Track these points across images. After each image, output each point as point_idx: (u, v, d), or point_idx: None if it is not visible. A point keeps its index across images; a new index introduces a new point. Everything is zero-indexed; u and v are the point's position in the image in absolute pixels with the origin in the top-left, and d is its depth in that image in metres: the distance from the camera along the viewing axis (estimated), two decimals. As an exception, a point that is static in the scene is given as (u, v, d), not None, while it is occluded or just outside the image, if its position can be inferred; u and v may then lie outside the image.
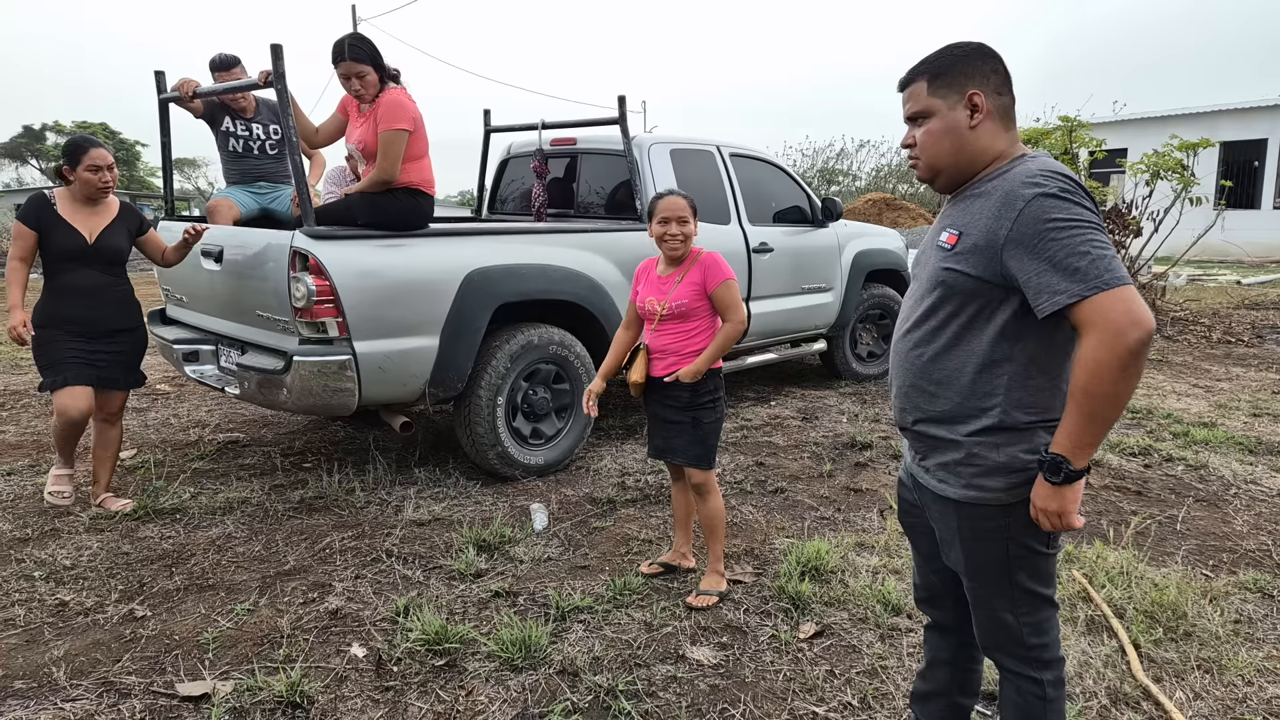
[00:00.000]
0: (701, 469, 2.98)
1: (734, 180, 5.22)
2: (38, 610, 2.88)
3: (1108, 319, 1.39)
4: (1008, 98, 1.63)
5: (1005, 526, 1.63)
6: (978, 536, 1.68)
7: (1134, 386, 1.42)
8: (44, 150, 46.49)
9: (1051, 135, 8.91)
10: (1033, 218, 1.47)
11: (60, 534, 3.50)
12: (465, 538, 3.43)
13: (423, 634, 2.68)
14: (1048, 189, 1.47)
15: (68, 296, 3.56)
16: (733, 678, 2.54)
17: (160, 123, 4.32)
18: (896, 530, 3.57)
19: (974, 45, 1.64)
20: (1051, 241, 1.44)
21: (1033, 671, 1.73)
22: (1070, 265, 1.42)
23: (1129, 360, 1.38)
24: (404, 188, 3.78)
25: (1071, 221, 1.44)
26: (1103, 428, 1.45)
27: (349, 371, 3.52)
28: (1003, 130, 1.62)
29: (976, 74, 1.60)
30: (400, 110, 3.69)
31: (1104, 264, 1.41)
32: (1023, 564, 1.66)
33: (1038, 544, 1.65)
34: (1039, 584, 1.69)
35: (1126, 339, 1.37)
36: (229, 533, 3.55)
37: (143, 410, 5.56)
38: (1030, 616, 1.70)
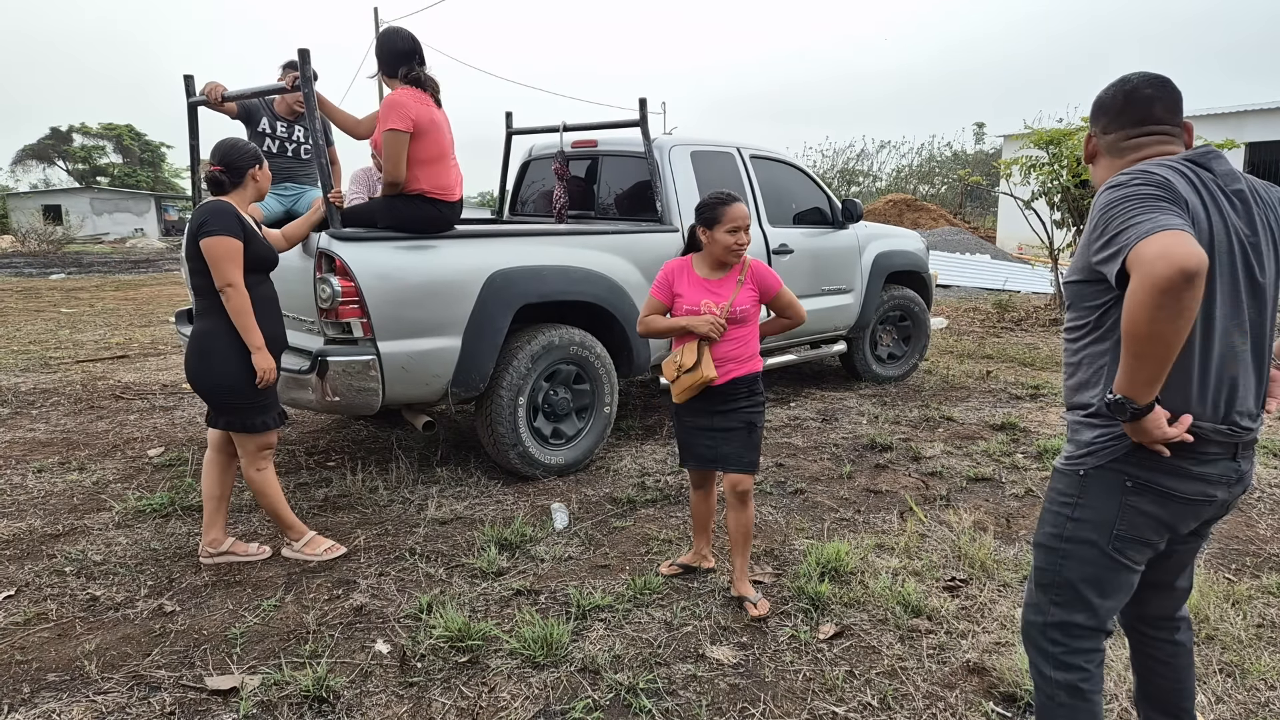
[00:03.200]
0: (751, 475, 2.96)
1: (754, 182, 5.23)
2: (69, 605, 2.94)
3: (1140, 259, 1.41)
4: (1115, 135, 1.72)
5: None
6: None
7: (1175, 325, 1.40)
8: (71, 152, 47.24)
9: (1074, 136, 8.83)
10: (1101, 206, 1.55)
11: (90, 531, 3.57)
12: (487, 536, 3.46)
13: (446, 631, 2.71)
14: (1114, 181, 1.56)
15: (266, 310, 3.13)
16: (752, 677, 2.55)
17: (189, 126, 4.38)
18: (916, 532, 3.57)
19: (1109, 86, 1.75)
20: (1113, 218, 1.51)
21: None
22: (1115, 232, 1.49)
23: (1158, 297, 1.38)
24: (417, 194, 3.74)
25: (1122, 199, 1.51)
26: (1152, 365, 1.46)
27: (373, 371, 3.57)
28: (1118, 161, 1.71)
29: (1093, 116, 1.75)
30: (392, 111, 3.61)
31: (1145, 223, 1.44)
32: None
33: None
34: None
35: (1154, 273, 1.38)
36: (255, 530, 3.61)
37: (170, 409, 5.65)
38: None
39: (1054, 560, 1.77)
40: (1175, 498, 1.63)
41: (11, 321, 9.81)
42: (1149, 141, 1.68)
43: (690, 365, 2.82)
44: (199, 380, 3.09)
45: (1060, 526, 1.75)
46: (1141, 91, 1.68)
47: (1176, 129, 1.68)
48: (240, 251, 2.97)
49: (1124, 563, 1.69)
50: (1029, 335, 8.87)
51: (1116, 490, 1.66)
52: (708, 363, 2.81)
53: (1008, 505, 3.97)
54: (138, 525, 3.62)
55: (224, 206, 3.02)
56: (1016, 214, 10.72)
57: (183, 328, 4.63)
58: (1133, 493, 1.64)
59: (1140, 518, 1.65)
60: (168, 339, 8.61)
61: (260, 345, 3.02)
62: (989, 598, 3.05)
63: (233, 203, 3.07)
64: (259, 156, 3.15)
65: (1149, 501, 1.64)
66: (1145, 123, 1.68)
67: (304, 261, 3.61)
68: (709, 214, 2.81)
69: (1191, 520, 1.68)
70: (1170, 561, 1.83)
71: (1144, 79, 1.69)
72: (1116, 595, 1.73)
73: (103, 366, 7.13)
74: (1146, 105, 1.68)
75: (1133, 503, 1.65)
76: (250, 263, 3.03)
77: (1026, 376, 6.76)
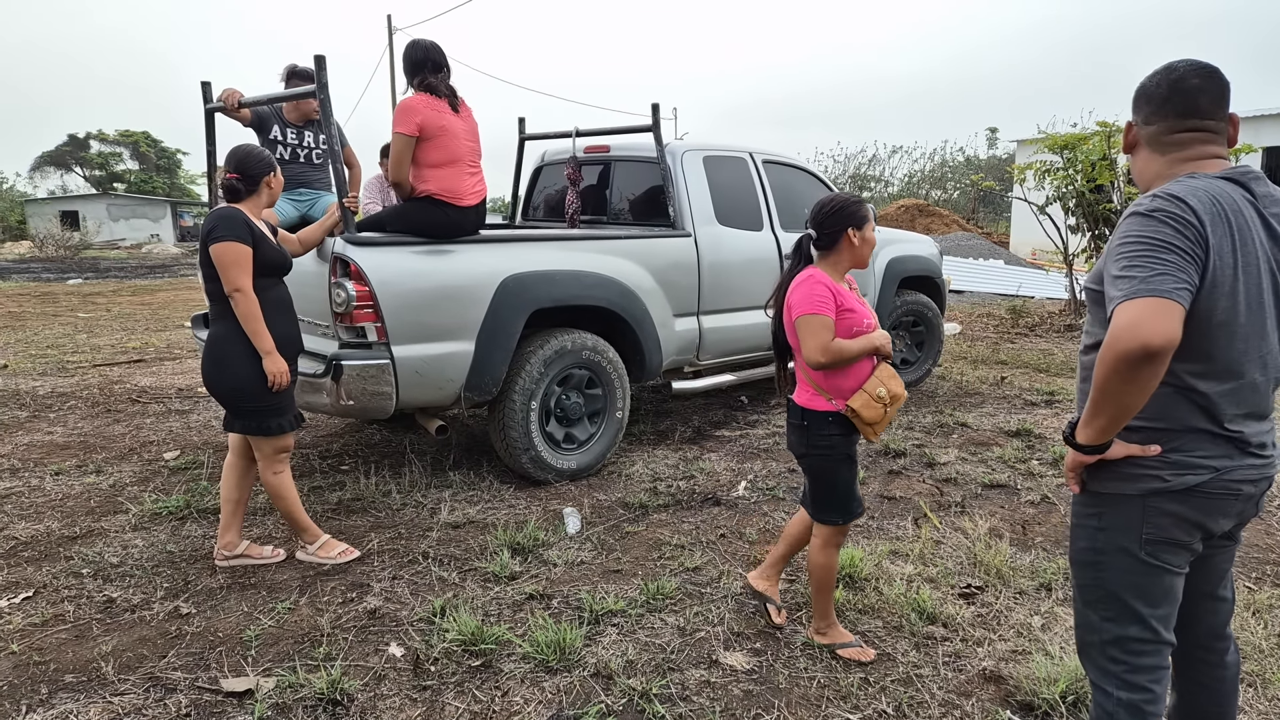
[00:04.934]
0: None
1: (766, 187, 5.23)
2: (86, 606, 2.96)
3: (1115, 321, 1.46)
4: (1157, 126, 1.67)
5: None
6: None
7: (1129, 392, 1.48)
8: (88, 158, 47.77)
9: (1089, 141, 8.78)
10: (1120, 233, 1.55)
11: (107, 533, 3.60)
12: (500, 540, 3.47)
13: (459, 634, 2.71)
14: (1141, 208, 1.54)
15: (279, 314, 3.14)
16: (766, 684, 2.54)
17: (206, 132, 4.42)
18: (931, 538, 3.54)
19: (1153, 73, 1.71)
20: (1119, 256, 1.52)
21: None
22: (1119, 276, 1.49)
23: (1119, 365, 1.44)
24: (425, 197, 3.79)
25: (1136, 238, 1.50)
26: (1103, 419, 1.55)
27: (387, 375, 3.58)
28: (1158, 155, 1.68)
29: (1135, 104, 1.71)
30: (399, 114, 3.71)
31: (1141, 278, 1.46)
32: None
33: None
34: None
35: (1118, 344, 1.43)
36: (269, 533, 3.62)
37: (185, 413, 5.69)
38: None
39: (1093, 574, 1.74)
40: (1197, 493, 1.60)
41: (29, 326, 9.92)
42: (1192, 139, 1.63)
43: (899, 392, 2.52)
44: (214, 384, 3.11)
45: (1091, 539, 1.73)
46: (1188, 81, 1.62)
47: (1221, 124, 1.64)
48: (248, 257, 2.98)
49: (1161, 566, 1.65)
50: (1043, 341, 8.81)
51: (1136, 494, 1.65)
52: (900, 383, 2.55)
53: (1023, 512, 3.94)
54: (154, 528, 3.65)
55: (233, 213, 3.03)
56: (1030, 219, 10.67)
57: (199, 332, 4.66)
58: (1154, 494, 1.62)
59: (1165, 518, 1.63)
60: (183, 343, 8.68)
61: (270, 349, 3.02)
62: (1005, 605, 3.03)
63: (244, 209, 3.08)
64: (273, 164, 3.17)
65: (1170, 500, 1.62)
66: (1190, 115, 1.62)
67: (319, 266, 3.64)
68: (858, 212, 2.50)
69: (1220, 516, 1.64)
70: (1209, 566, 1.79)
71: (1190, 68, 1.63)
72: (1165, 603, 1.69)
73: (119, 370, 7.20)
74: (1192, 96, 1.62)
75: (1154, 504, 1.63)
76: (261, 267, 3.04)
77: (1041, 382, 6.71)
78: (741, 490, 4.18)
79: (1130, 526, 1.65)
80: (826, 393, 2.51)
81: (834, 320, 2.44)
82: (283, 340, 3.10)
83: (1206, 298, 1.50)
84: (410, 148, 3.71)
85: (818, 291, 2.44)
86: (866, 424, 2.47)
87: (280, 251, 3.17)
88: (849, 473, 2.58)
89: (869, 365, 2.52)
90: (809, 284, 2.47)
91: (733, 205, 4.96)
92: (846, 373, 2.49)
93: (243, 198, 3.10)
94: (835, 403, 2.50)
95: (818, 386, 2.53)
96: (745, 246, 4.97)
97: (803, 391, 2.57)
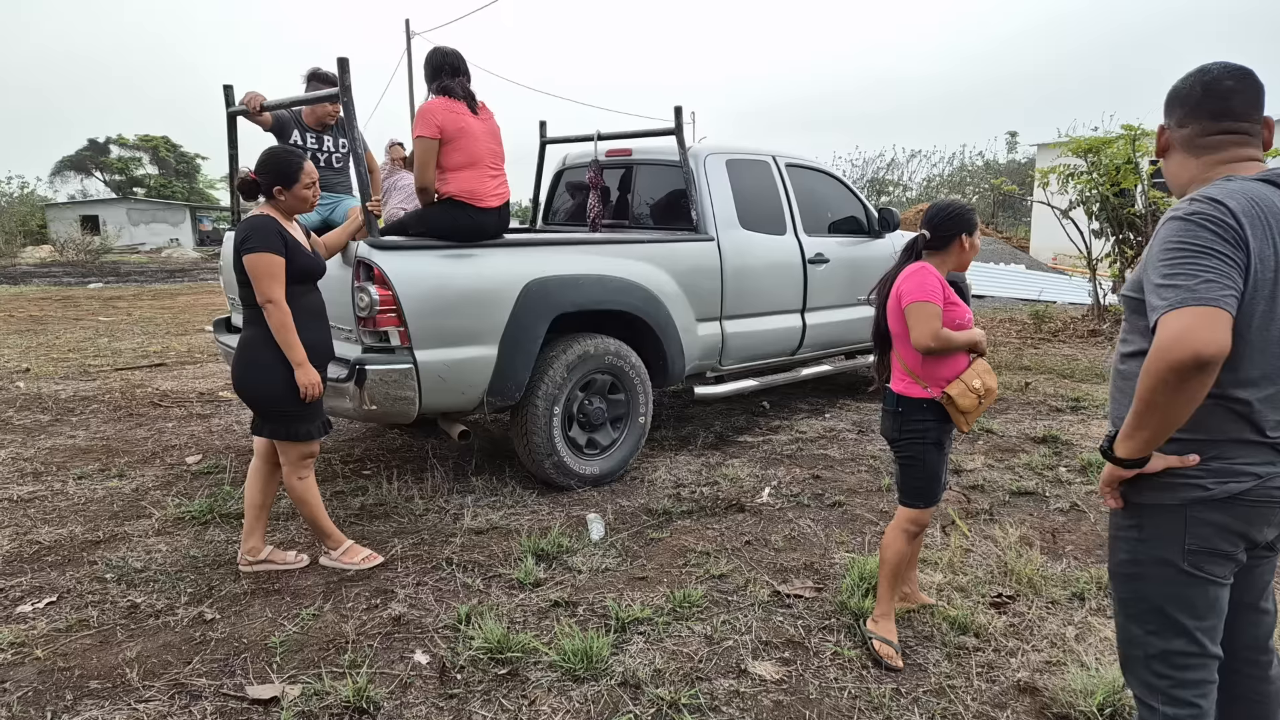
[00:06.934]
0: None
1: (790, 191, 5.18)
2: (110, 612, 2.96)
3: (1162, 331, 1.42)
4: (1191, 128, 1.65)
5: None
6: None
7: (1178, 405, 1.44)
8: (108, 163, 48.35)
9: (1114, 144, 8.68)
10: (1160, 239, 1.51)
11: (130, 537, 3.59)
12: (524, 547, 3.44)
13: (485, 642, 2.68)
14: (1180, 213, 1.51)
15: (312, 320, 3.12)
16: (797, 694, 2.50)
17: (228, 136, 4.43)
18: (960, 547, 3.49)
19: (1186, 75, 1.68)
20: (1160, 263, 1.48)
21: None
22: (1162, 284, 1.46)
23: (1168, 376, 1.41)
24: (446, 200, 3.81)
25: (1177, 243, 1.47)
26: (1147, 432, 1.51)
27: (410, 380, 3.57)
28: (1192, 159, 1.65)
29: (1167, 107, 1.68)
30: (420, 117, 3.74)
31: (1187, 286, 1.42)
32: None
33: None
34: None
35: (1167, 355, 1.40)
36: (292, 538, 3.61)
37: (207, 416, 5.71)
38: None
39: (1135, 587, 1.70)
40: (1239, 501, 1.56)
41: (51, 330, 10.01)
42: (1226, 142, 1.60)
43: (993, 386, 2.64)
44: (244, 388, 3.10)
45: (1131, 550, 1.69)
46: (1221, 83, 1.60)
47: (1255, 126, 1.61)
48: (282, 267, 2.96)
49: (1205, 577, 1.61)
50: (1067, 346, 8.70)
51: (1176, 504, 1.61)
52: (994, 379, 2.67)
53: (1053, 520, 3.88)
54: (177, 532, 3.64)
55: (266, 221, 3.00)
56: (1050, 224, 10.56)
57: (221, 336, 4.68)
58: (1195, 504, 1.58)
59: (1207, 528, 1.59)
60: (204, 347, 8.72)
61: (302, 360, 3.00)
62: (1037, 615, 2.97)
63: (276, 215, 3.06)
64: (291, 173, 3.07)
65: (1213, 509, 1.58)
66: (1223, 117, 1.60)
67: (343, 270, 3.62)
68: (971, 219, 2.70)
69: (1264, 525, 1.60)
70: (1251, 577, 1.74)
71: (1224, 69, 1.61)
72: (1210, 615, 1.64)
73: (141, 374, 7.24)
74: (1225, 98, 1.60)
75: (1196, 514, 1.59)
76: (294, 275, 3.02)
77: (1066, 388, 6.62)
78: (765, 497, 4.13)
79: (1172, 537, 1.61)
80: (923, 381, 2.62)
81: (942, 310, 2.56)
82: (314, 347, 3.08)
83: (1248, 302, 1.47)
84: (434, 151, 3.71)
85: (930, 282, 2.58)
86: (960, 412, 2.59)
87: (313, 258, 3.15)
88: (936, 459, 2.68)
89: (965, 358, 2.64)
90: (921, 273, 2.60)
91: (756, 209, 4.92)
92: (945, 362, 2.61)
93: (274, 198, 3.08)
94: (931, 390, 2.61)
95: (914, 375, 2.64)
96: (768, 251, 4.93)
97: (899, 380, 2.69)
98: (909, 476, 2.71)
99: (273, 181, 3.06)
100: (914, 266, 2.65)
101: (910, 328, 2.57)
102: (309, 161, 3.15)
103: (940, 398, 2.59)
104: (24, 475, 4.43)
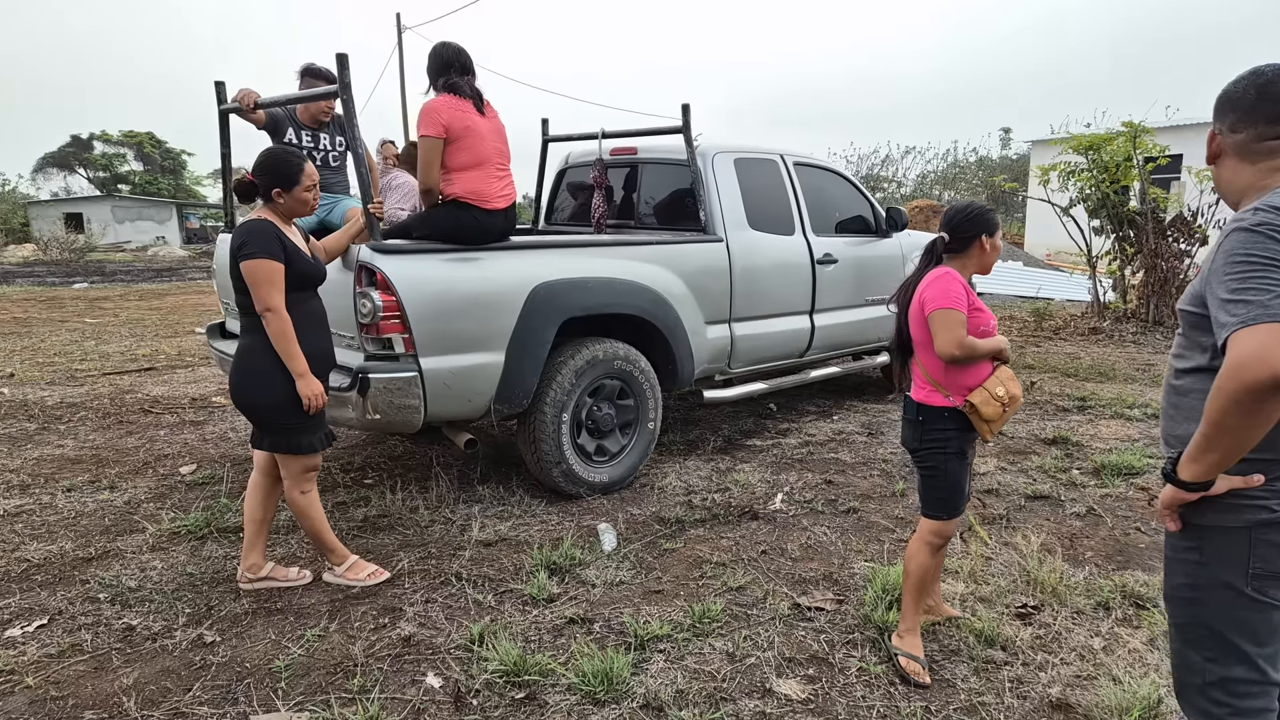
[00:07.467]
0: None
1: (798, 190, 5.08)
2: (105, 635, 2.83)
3: (1236, 350, 1.36)
4: (1245, 134, 1.57)
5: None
6: None
7: (1250, 426, 1.38)
8: (91, 159, 47.77)
9: (1114, 141, 8.64)
10: (1225, 251, 1.44)
11: (123, 554, 3.46)
12: (535, 560, 3.33)
13: (500, 664, 2.57)
14: (1245, 223, 1.43)
15: (313, 328, 2.99)
16: (825, 714, 2.41)
17: (220, 134, 4.29)
18: (981, 555, 3.40)
19: (1238, 78, 1.62)
20: (1227, 276, 1.41)
21: None
22: (1231, 300, 1.39)
23: (1243, 397, 1.34)
24: (451, 201, 3.69)
25: (1245, 256, 1.40)
26: (1217, 455, 1.45)
27: (415, 388, 3.45)
28: (1247, 165, 1.58)
29: (1218, 111, 1.62)
30: (423, 117, 3.62)
31: (1260, 301, 1.35)
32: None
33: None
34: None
35: (1243, 375, 1.33)
36: (294, 553, 3.49)
37: (200, 423, 5.56)
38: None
39: (1194, 612, 1.62)
40: None
41: (35, 332, 9.79)
42: None
43: (1017, 394, 2.57)
44: (243, 400, 2.97)
45: (1191, 574, 1.61)
46: (1276, 86, 1.53)
47: None
48: (281, 274, 2.84)
49: (1268, 602, 1.54)
50: (1069, 345, 8.65)
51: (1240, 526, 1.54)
52: (1019, 386, 2.59)
53: (1070, 525, 3.80)
54: (172, 548, 3.51)
55: (264, 225, 2.87)
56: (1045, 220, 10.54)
57: (215, 342, 4.54)
58: (1260, 526, 1.51)
59: (1272, 550, 1.52)
60: (195, 350, 8.55)
61: (304, 371, 2.88)
62: (1064, 626, 2.90)
63: (273, 219, 2.93)
64: (292, 175, 2.94)
65: (1278, 531, 1.51)
66: (1279, 122, 1.53)
67: (343, 275, 3.50)
68: (991, 220, 2.61)
69: None
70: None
71: (1279, 71, 1.54)
72: (1272, 641, 1.57)
73: (130, 379, 7.06)
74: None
75: (1261, 536, 1.52)
76: (294, 281, 2.89)
77: (1071, 387, 6.56)
78: (778, 503, 4.04)
79: (1235, 560, 1.54)
80: (945, 389, 2.55)
81: (967, 317, 2.48)
82: (315, 356, 2.95)
83: None
84: (439, 151, 3.58)
85: (953, 288, 2.49)
86: (984, 420, 2.52)
87: (314, 263, 3.02)
88: (959, 469, 2.60)
89: (989, 365, 2.57)
90: (945, 280, 2.51)
91: (764, 209, 4.82)
92: (969, 370, 2.53)
93: (272, 201, 2.95)
94: (952, 399, 2.54)
95: (936, 383, 2.56)
96: (777, 252, 4.83)
97: (919, 388, 2.62)
98: (931, 487, 2.64)
99: (271, 183, 2.93)
100: (937, 272, 2.56)
101: (934, 335, 2.49)
102: (310, 163, 3.02)
103: (963, 406, 2.52)
104: (10, 488, 4.27)
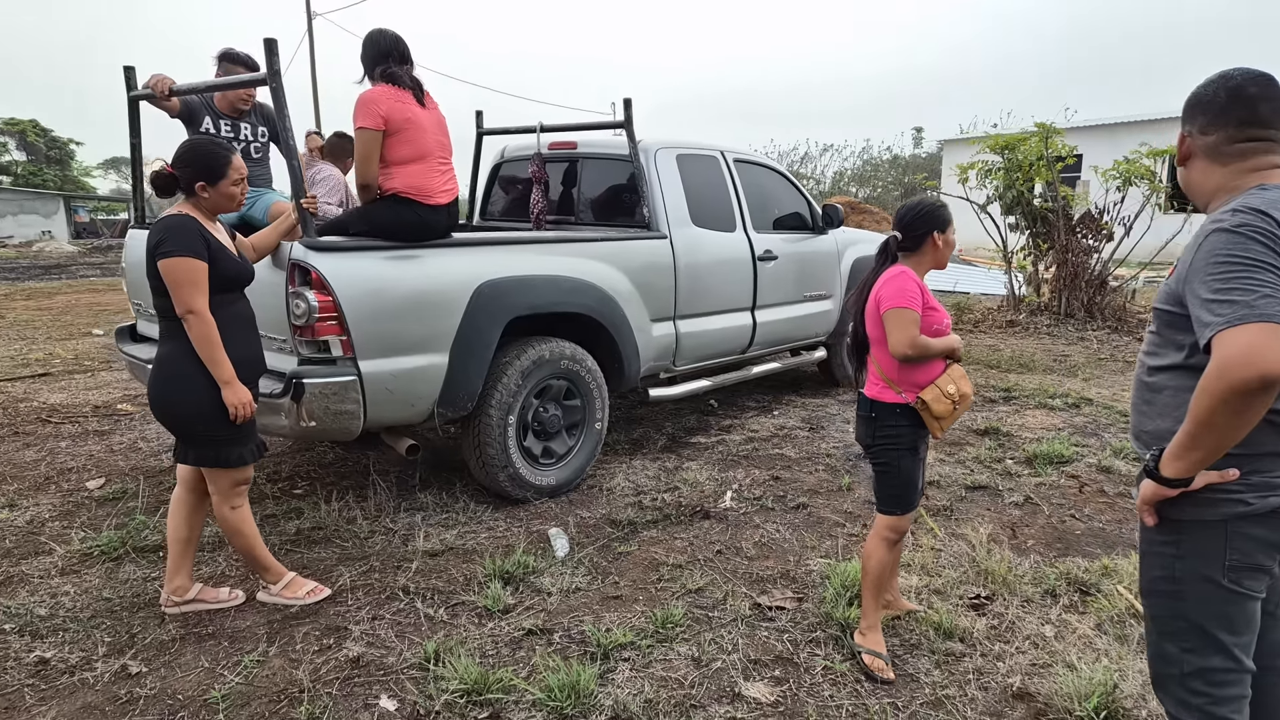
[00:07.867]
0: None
1: (738, 186, 5.07)
2: (15, 670, 2.57)
3: (1222, 349, 1.37)
4: (1215, 136, 1.60)
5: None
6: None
7: (1236, 424, 1.40)
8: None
9: (1028, 141, 8.99)
10: (1205, 251, 1.45)
11: (30, 579, 3.17)
12: (487, 569, 3.19)
13: (460, 683, 2.45)
14: (1224, 224, 1.45)
15: (240, 332, 2.79)
16: (795, 716, 2.39)
17: (130, 123, 3.98)
18: (932, 548, 3.45)
19: (1208, 81, 1.64)
20: (1209, 277, 1.42)
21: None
22: (1215, 300, 1.40)
23: (1229, 396, 1.36)
24: (391, 196, 3.52)
25: (1226, 257, 1.41)
26: (1201, 452, 1.46)
27: (354, 393, 3.26)
28: (1218, 167, 1.60)
29: (1188, 114, 1.64)
30: (360, 108, 3.43)
31: (1245, 301, 1.37)
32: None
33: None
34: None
35: (1230, 375, 1.35)
36: (222, 571, 3.26)
37: (105, 433, 5.17)
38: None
39: (1172, 605, 1.65)
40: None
41: (-88, 337, 8.98)
42: (1253, 149, 1.57)
43: (968, 392, 2.61)
44: (164, 411, 2.73)
45: (1168, 567, 1.64)
46: (1246, 89, 1.57)
47: (1279, 133, 1.58)
48: (204, 273, 2.61)
49: (1244, 593, 1.58)
50: (989, 337, 8.97)
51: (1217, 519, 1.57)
52: (970, 385, 2.63)
53: (1010, 514, 3.90)
54: (85, 571, 3.23)
55: (185, 222, 2.64)
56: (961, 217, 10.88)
57: (125, 346, 4.22)
58: (1236, 519, 1.54)
59: (1249, 543, 1.55)
60: (94, 353, 7.97)
61: (230, 378, 2.66)
62: (1016, 615, 2.96)
63: (196, 215, 2.70)
64: (219, 168, 2.72)
65: (1254, 524, 1.54)
66: (1249, 124, 1.56)
67: (274, 274, 3.28)
68: (943, 215, 2.62)
69: None
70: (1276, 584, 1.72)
71: (1247, 76, 1.58)
72: (1247, 630, 1.61)
73: (23, 386, 6.52)
74: (1251, 104, 1.56)
75: (1237, 529, 1.55)
76: (219, 281, 2.67)
77: (995, 379, 6.78)
78: (729, 501, 4.01)
79: (1212, 553, 1.57)
80: (898, 386, 2.57)
81: (921, 316, 2.50)
82: (243, 362, 2.73)
83: None
84: (378, 144, 3.40)
85: (909, 287, 2.51)
86: (935, 418, 2.55)
87: (240, 262, 2.80)
88: (912, 465, 2.62)
89: (941, 364, 2.59)
90: (901, 279, 2.53)
91: (707, 206, 4.78)
92: (921, 368, 2.55)
93: (196, 195, 2.71)
94: (905, 395, 2.56)
95: (889, 380, 2.58)
96: (720, 249, 4.80)
97: (873, 384, 2.65)
98: (885, 483, 2.67)
99: (195, 176, 2.70)
100: (893, 271, 2.58)
101: (888, 334, 2.51)
102: (238, 156, 2.80)
103: (915, 403, 2.55)
104: (-108, 509, 3.87)
